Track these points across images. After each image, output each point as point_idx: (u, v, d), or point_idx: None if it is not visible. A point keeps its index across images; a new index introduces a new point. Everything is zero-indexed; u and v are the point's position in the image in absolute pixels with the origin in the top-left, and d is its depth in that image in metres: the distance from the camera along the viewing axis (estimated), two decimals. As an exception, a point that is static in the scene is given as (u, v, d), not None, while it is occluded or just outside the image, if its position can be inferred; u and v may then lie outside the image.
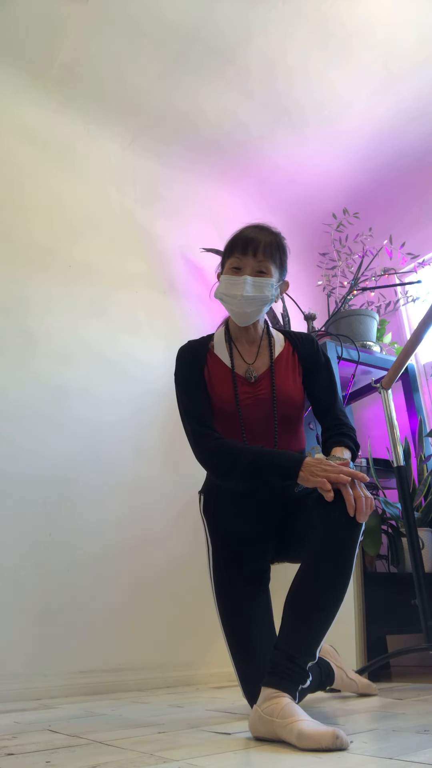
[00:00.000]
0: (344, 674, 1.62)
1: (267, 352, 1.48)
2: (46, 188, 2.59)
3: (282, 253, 1.43)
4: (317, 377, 1.48)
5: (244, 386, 1.43)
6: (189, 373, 1.45)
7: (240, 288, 1.38)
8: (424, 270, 2.95)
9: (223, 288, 1.42)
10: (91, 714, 1.50)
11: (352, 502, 1.14)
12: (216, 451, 1.32)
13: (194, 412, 1.39)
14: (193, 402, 1.41)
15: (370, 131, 2.88)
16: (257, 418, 1.41)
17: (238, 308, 1.41)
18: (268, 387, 1.42)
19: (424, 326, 1.94)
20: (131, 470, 2.37)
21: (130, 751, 1.00)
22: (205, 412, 1.39)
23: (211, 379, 1.44)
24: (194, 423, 1.38)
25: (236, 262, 1.41)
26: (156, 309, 2.74)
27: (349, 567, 1.15)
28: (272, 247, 1.40)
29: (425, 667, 2.32)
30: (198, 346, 1.50)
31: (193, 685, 2.16)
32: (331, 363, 1.55)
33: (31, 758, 0.98)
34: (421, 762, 0.83)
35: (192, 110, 2.74)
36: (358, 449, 1.41)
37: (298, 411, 1.46)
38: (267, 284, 1.39)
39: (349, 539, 1.15)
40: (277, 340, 1.52)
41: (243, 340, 1.49)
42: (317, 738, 0.92)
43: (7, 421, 2.14)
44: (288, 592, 1.17)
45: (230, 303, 1.42)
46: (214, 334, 1.55)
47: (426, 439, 2.50)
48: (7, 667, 1.87)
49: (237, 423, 1.40)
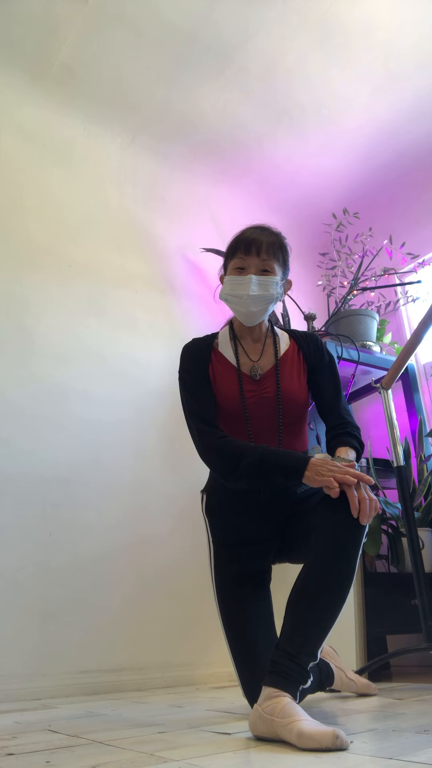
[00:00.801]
0: (344, 674, 1.62)
1: (272, 350, 1.48)
2: (46, 188, 2.59)
3: (284, 252, 1.44)
4: (321, 376, 1.49)
5: (248, 384, 1.43)
6: (194, 371, 1.45)
7: (246, 287, 1.38)
8: (424, 270, 2.96)
9: (228, 289, 1.42)
10: (91, 714, 1.50)
11: (357, 504, 1.14)
12: (220, 450, 1.32)
13: (199, 411, 1.39)
14: (198, 401, 1.40)
15: (370, 131, 2.88)
16: (261, 417, 1.41)
17: (244, 308, 1.41)
18: (273, 386, 1.42)
19: (424, 326, 1.94)
20: (131, 470, 2.37)
21: (130, 751, 0.99)
22: (210, 411, 1.39)
23: (216, 377, 1.44)
24: (199, 422, 1.37)
25: (240, 263, 1.41)
26: (156, 309, 2.74)
27: (352, 568, 1.15)
28: (275, 246, 1.41)
29: (425, 667, 2.32)
30: (202, 345, 1.50)
31: (193, 685, 2.16)
32: (335, 361, 1.55)
33: (31, 758, 0.98)
34: (421, 762, 0.83)
35: (192, 110, 2.74)
36: (363, 448, 1.41)
37: (302, 410, 1.46)
38: (272, 282, 1.40)
39: (352, 541, 1.15)
40: (282, 338, 1.52)
41: (248, 338, 1.49)
42: (317, 738, 0.92)
43: (7, 422, 2.14)
44: (290, 591, 1.17)
45: (236, 303, 1.42)
46: (218, 333, 1.55)
47: (426, 439, 2.50)
48: (8, 667, 1.86)
49: (243, 422, 1.40)
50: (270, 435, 1.40)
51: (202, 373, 1.44)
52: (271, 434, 1.41)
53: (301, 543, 1.32)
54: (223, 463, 1.32)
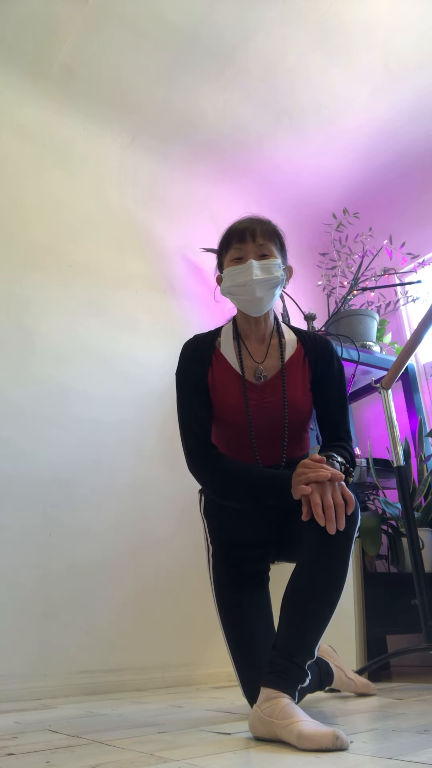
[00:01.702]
0: (343, 674, 1.62)
1: (277, 353, 1.42)
2: (46, 188, 2.59)
3: (279, 237, 1.40)
4: (329, 387, 1.42)
5: (252, 392, 1.38)
6: (190, 375, 1.40)
7: (248, 273, 1.33)
8: (424, 270, 2.96)
9: (229, 280, 1.37)
10: (91, 714, 1.50)
11: (321, 513, 1.11)
12: (212, 472, 1.30)
13: (192, 427, 1.35)
14: (191, 413, 1.36)
15: (370, 131, 2.88)
16: (265, 426, 1.37)
17: (250, 295, 1.34)
18: (277, 394, 1.37)
19: (424, 326, 1.94)
20: (131, 470, 2.37)
21: (130, 751, 1.00)
22: (203, 423, 1.36)
23: (217, 383, 1.39)
24: (191, 439, 1.34)
25: (237, 253, 1.37)
26: (156, 309, 2.74)
27: (344, 563, 1.14)
28: (269, 231, 1.38)
29: (425, 667, 2.32)
30: (203, 344, 1.44)
31: (193, 685, 2.16)
32: (344, 371, 1.47)
33: (31, 758, 0.98)
34: (421, 762, 0.83)
35: (192, 110, 2.74)
36: (353, 467, 1.35)
37: (305, 420, 1.42)
38: (274, 264, 1.35)
39: (344, 535, 1.14)
40: (289, 340, 1.44)
41: (252, 337, 1.43)
42: (317, 738, 0.92)
43: (7, 422, 2.14)
44: (285, 590, 1.16)
45: (240, 293, 1.36)
46: (222, 329, 1.49)
47: (426, 439, 2.50)
48: (8, 667, 1.87)
49: (246, 431, 1.36)
50: (274, 444, 1.37)
51: (199, 378, 1.39)
52: (275, 443, 1.37)
53: (298, 542, 1.31)
54: (213, 483, 1.31)
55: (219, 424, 1.41)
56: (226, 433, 1.41)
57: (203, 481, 1.34)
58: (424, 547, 2.06)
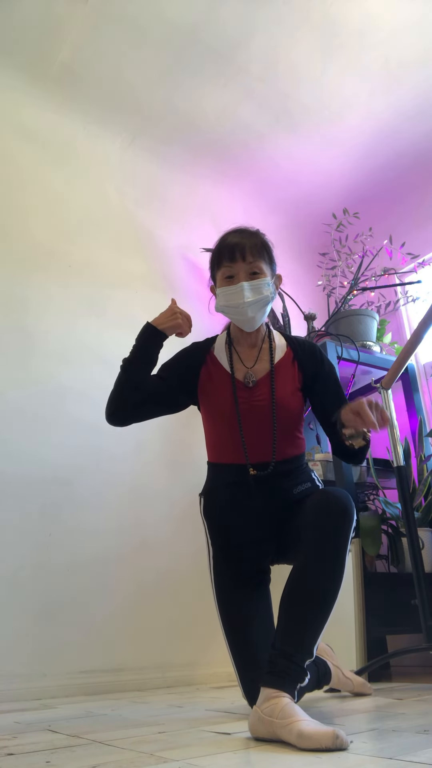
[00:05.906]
0: (340, 672, 1.62)
1: (267, 356, 1.48)
2: (46, 188, 2.59)
3: (268, 250, 1.45)
4: (323, 386, 1.47)
5: (241, 391, 1.43)
6: (175, 358, 1.55)
7: (239, 296, 1.39)
8: (424, 270, 2.96)
9: (223, 300, 1.43)
10: (91, 714, 1.50)
11: (372, 418, 1.14)
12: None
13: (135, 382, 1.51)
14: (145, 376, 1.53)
15: (370, 131, 2.88)
16: (254, 424, 1.41)
17: (243, 315, 1.42)
18: (266, 393, 1.42)
19: (424, 326, 1.94)
20: (131, 470, 2.37)
21: (130, 751, 0.99)
22: (139, 388, 1.50)
23: (208, 381, 1.46)
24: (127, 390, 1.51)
25: (228, 271, 1.42)
26: (156, 309, 2.68)
27: (341, 561, 1.15)
28: (257, 246, 1.42)
29: (425, 667, 2.32)
30: (199, 349, 1.54)
31: (193, 685, 2.16)
32: (335, 368, 1.54)
33: (31, 758, 0.98)
34: (421, 762, 0.83)
35: (192, 110, 2.74)
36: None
37: (296, 419, 1.46)
38: (264, 284, 1.41)
39: (341, 534, 1.16)
40: (279, 345, 1.51)
41: (244, 343, 1.50)
42: (317, 738, 0.92)
43: (7, 422, 2.14)
44: (283, 590, 1.17)
45: (233, 313, 1.43)
46: (217, 337, 1.57)
47: (426, 439, 2.50)
48: (8, 667, 1.87)
49: (236, 428, 1.41)
50: (264, 442, 1.40)
51: (184, 368, 1.50)
52: (264, 441, 1.40)
53: (295, 543, 1.32)
54: (110, 399, 1.49)
55: (211, 423, 1.47)
56: (218, 431, 1.45)
57: (108, 408, 1.50)
58: (424, 547, 2.06)
